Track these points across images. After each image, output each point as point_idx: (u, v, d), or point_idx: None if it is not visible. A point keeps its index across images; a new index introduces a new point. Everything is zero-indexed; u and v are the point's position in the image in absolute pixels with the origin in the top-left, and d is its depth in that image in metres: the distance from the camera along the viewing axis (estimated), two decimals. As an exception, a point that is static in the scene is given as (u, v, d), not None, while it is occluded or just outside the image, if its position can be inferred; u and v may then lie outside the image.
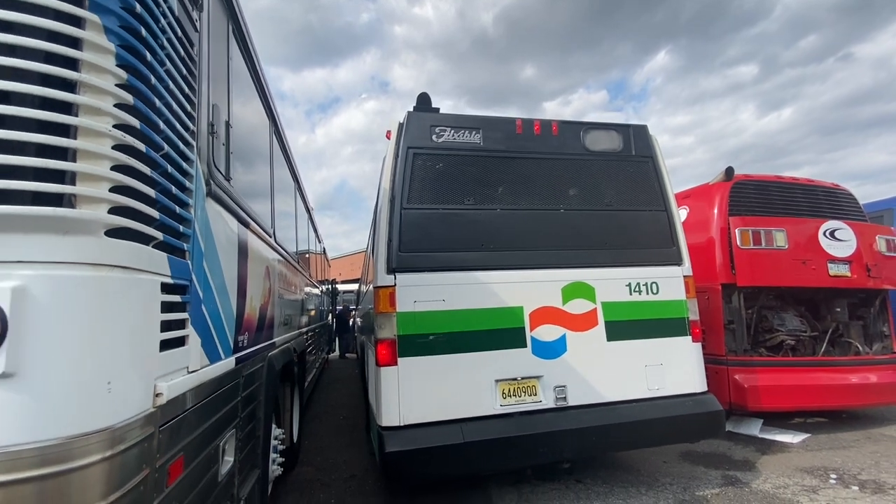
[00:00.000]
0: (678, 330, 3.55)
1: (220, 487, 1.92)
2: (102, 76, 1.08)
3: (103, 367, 1.03)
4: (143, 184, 1.19)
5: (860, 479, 3.69)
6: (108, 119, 1.08)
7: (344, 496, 3.72)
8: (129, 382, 1.11)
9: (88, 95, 1.05)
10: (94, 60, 1.07)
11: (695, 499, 3.43)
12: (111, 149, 1.08)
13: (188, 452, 1.51)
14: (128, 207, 1.13)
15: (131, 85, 1.16)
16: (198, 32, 1.65)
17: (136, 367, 1.15)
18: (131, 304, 1.13)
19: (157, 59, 1.30)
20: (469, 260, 3.26)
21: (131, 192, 1.15)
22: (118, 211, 1.10)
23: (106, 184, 1.07)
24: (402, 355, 3.02)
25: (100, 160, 1.06)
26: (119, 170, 1.11)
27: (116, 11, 1.13)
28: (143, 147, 1.19)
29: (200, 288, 1.60)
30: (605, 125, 3.80)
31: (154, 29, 1.27)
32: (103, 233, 1.05)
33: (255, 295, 2.57)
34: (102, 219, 1.04)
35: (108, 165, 1.07)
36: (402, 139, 3.33)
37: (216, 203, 1.82)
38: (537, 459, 3.12)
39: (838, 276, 4.89)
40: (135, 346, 1.14)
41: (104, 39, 1.09)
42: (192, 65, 1.60)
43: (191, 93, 1.57)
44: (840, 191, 5.50)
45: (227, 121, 2.03)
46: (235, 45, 2.35)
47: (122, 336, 1.09)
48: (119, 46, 1.13)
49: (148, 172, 1.22)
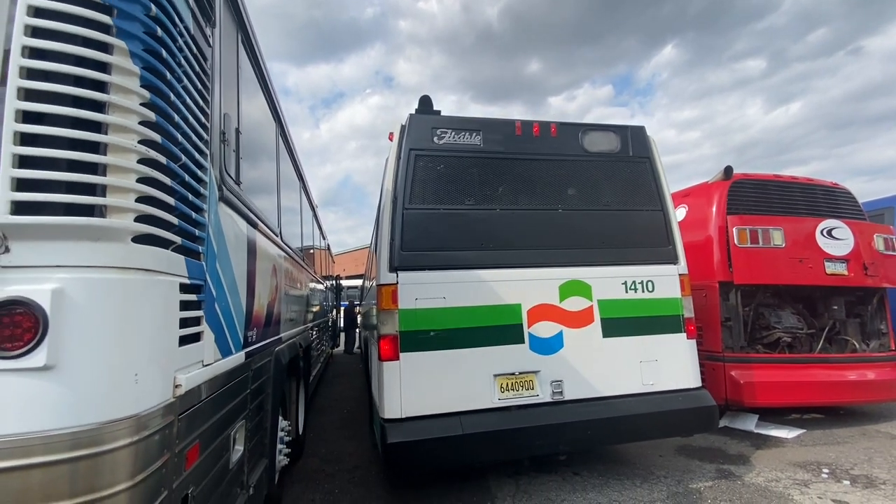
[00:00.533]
0: (673, 327, 3.64)
1: (232, 474, 2.04)
2: (128, 97, 1.19)
3: (131, 360, 1.14)
4: (164, 193, 1.30)
5: (852, 474, 3.78)
6: (134, 136, 1.19)
7: (347, 486, 3.86)
8: (153, 374, 1.23)
9: (116, 115, 1.16)
10: (120, 82, 1.17)
11: (688, 491, 3.53)
12: (136, 163, 1.19)
13: (203, 440, 1.63)
14: (151, 215, 1.24)
15: (153, 103, 1.26)
16: (210, 47, 1.76)
17: (159, 360, 1.27)
18: (154, 303, 1.24)
19: (176, 76, 1.41)
20: (469, 259, 3.36)
21: (154, 202, 1.26)
22: (142, 219, 1.21)
23: (132, 195, 1.18)
24: (403, 350, 3.13)
25: (126, 173, 1.17)
26: (143, 181, 1.22)
27: (140, 36, 1.23)
28: (164, 159, 1.30)
29: (213, 287, 1.72)
30: (604, 126, 3.88)
31: (173, 49, 1.37)
32: (130, 239, 1.16)
33: (263, 292, 2.68)
34: (129, 227, 1.15)
35: (134, 178, 1.18)
36: (404, 141, 3.43)
37: (227, 206, 1.93)
38: (533, 451, 3.24)
39: (835, 275, 4.95)
40: (158, 342, 1.26)
41: (130, 63, 1.20)
42: (206, 78, 1.70)
43: (205, 105, 1.68)
44: (839, 190, 5.54)
45: (237, 127, 2.14)
46: (244, 53, 2.46)
47: (146, 332, 1.20)
48: (143, 69, 1.23)
49: (168, 182, 1.33)
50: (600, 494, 3.50)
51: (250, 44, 2.47)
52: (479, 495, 3.57)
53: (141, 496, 1.18)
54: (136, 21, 1.22)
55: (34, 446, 1.00)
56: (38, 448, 1.01)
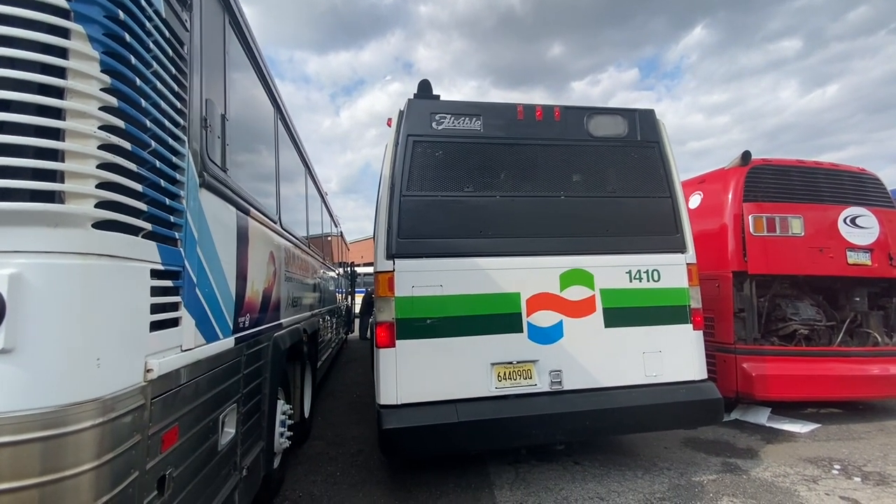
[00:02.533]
0: (679, 317, 3.55)
1: (221, 456, 2.09)
2: (87, 82, 1.18)
3: (93, 344, 1.16)
4: (130, 179, 1.30)
5: (864, 471, 3.65)
6: (94, 121, 1.19)
7: (349, 469, 3.92)
8: (118, 359, 1.25)
9: (74, 100, 1.16)
10: (79, 68, 1.17)
11: (690, 484, 3.47)
12: (97, 148, 1.19)
13: (184, 423, 1.66)
14: (115, 201, 1.24)
15: (116, 88, 1.26)
16: (188, 32, 1.74)
17: (125, 345, 1.28)
18: (119, 288, 1.25)
19: (144, 61, 1.39)
20: (467, 246, 3.32)
21: (118, 188, 1.26)
22: (105, 205, 1.21)
23: (92, 181, 1.18)
24: (400, 338, 3.13)
25: (86, 159, 1.17)
26: (106, 167, 1.22)
27: (100, 21, 1.22)
28: (129, 145, 1.30)
29: (194, 273, 1.73)
30: (610, 110, 3.76)
31: (138, 34, 1.36)
32: (90, 225, 1.17)
33: (258, 279, 2.70)
34: (89, 213, 1.16)
35: (94, 164, 1.18)
36: (402, 127, 3.39)
37: (212, 193, 1.94)
38: (529, 440, 3.22)
39: (857, 265, 4.73)
40: (123, 327, 1.27)
41: (88, 48, 1.19)
42: (183, 63, 1.69)
43: (181, 90, 1.67)
44: (866, 176, 5.26)
45: (224, 114, 2.13)
46: (234, 38, 2.44)
47: (109, 317, 1.21)
48: (103, 53, 1.22)
49: (135, 168, 1.32)
50: (599, 485, 3.47)
51: (239, 28, 2.45)
52: (478, 481, 3.58)
53: (107, 476, 1.20)
54: (95, 5, 1.21)
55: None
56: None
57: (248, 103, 2.82)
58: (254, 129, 2.92)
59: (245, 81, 2.70)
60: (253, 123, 2.90)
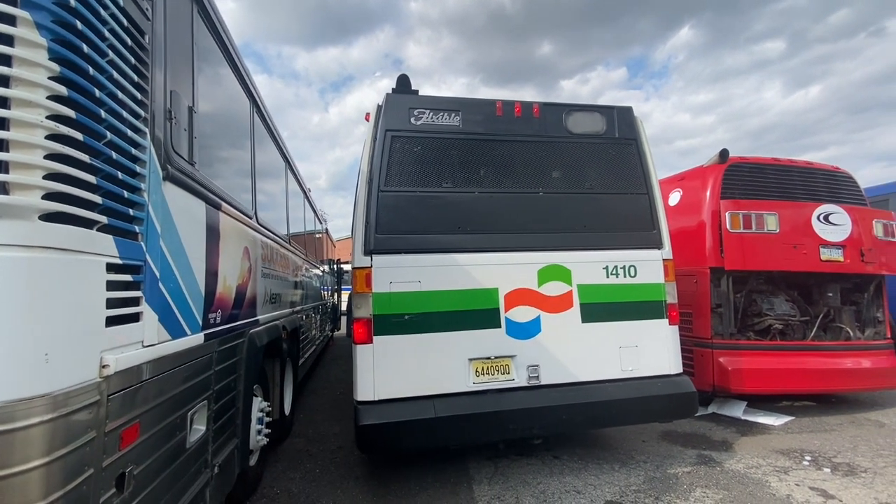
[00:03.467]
0: (655, 313, 3.59)
1: (189, 454, 2.06)
2: (34, 70, 1.15)
3: (39, 339, 1.13)
4: (82, 171, 1.27)
5: (834, 462, 3.74)
6: (40, 111, 1.16)
7: (329, 466, 3.91)
8: (69, 354, 1.22)
9: (19, 89, 1.13)
10: (25, 55, 1.14)
11: (665, 476, 3.52)
12: (44, 139, 1.16)
13: (146, 420, 1.63)
14: (65, 193, 1.21)
15: (66, 77, 1.22)
16: (150, 21, 1.70)
17: (77, 340, 1.25)
18: (69, 282, 1.22)
19: (98, 50, 1.36)
20: (445, 242, 3.32)
21: (69, 179, 1.23)
22: (53, 196, 1.18)
23: (39, 172, 1.15)
24: (377, 334, 3.12)
25: (32, 150, 1.13)
26: (55, 158, 1.19)
27: (49, 7, 1.19)
28: (81, 136, 1.27)
29: (157, 268, 1.70)
30: (589, 107, 3.78)
31: (92, 21, 1.32)
32: (37, 217, 1.14)
33: (231, 274, 2.67)
34: (35, 204, 1.13)
35: (41, 155, 1.15)
36: (380, 122, 3.37)
37: (177, 186, 1.90)
38: (506, 435, 3.24)
39: (830, 261, 4.84)
40: (74, 321, 1.24)
41: (36, 35, 1.16)
42: (144, 53, 1.66)
43: (142, 81, 1.64)
44: (840, 174, 5.38)
45: (191, 106, 2.10)
46: (203, 28, 2.40)
47: (59, 312, 1.19)
48: (52, 41, 1.19)
49: (87, 160, 1.29)
50: (577, 478, 3.51)
51: (209, 18, 2.40)
52: (457, 476, 3.60)
53: (58, 473, 1.18)
54: (43, -10, 1.18)
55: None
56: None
57: (221, 96, 2.77)
58: (226, 122, 2.88)
59: (217, 73, 2.66)
60: (225, 116, 2.86)
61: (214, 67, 2.60)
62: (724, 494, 3.21)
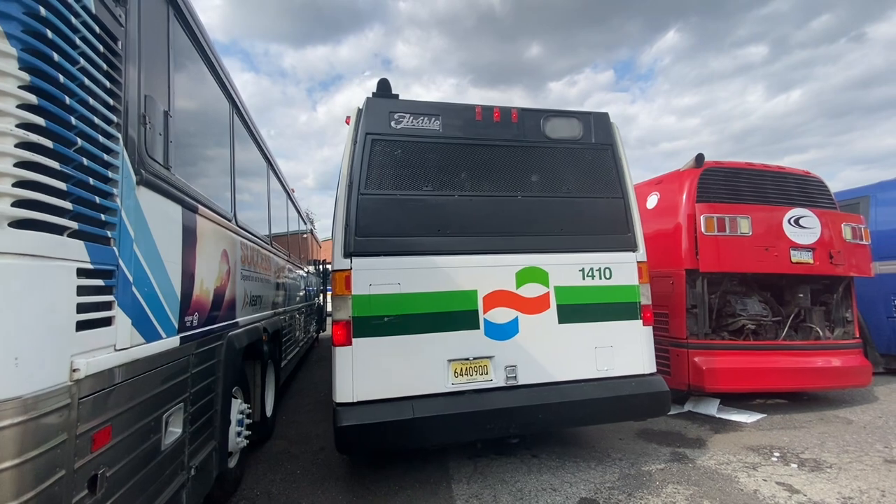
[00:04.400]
0: (629, 314, 3.68)
1: (165, 456, 2.07)
2: (4, 80, 1.17)
3: (9, 343, 1.15)
4: (52, 178, 1.29)
5: (801, 458, 3.87)
6: (11, 119, 1.18)
7: (310, 467, 3.92)
8: (39, 358, 1.24)
9: (-12, 98, 1.14)
10: (-6, 64, 1.15)
11: (639, 473, 3.62)
12: (13, 147, 1.18)
13: (119, 422, 1.65)
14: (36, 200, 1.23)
15: (37, 86, 1.25)
16: (123, 27, 1.72)
17: (47, 344, 1.27)
18: (38, 288, 1.24)
19: (69, 58, 1.38)
20: (425, 245, 3.37)
21: (38, 186, 1.25)
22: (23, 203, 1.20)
23: (9, 179, 1.17)
24: (356, 336, 3.15)
25: (1, 158, 1.15)
26: (25, 166, 1.21)
27: (19, 17, 1.21)
28: (51, 143, 1.29)
29: (131, 272, 1.72)
30: (566, 113, 3.86)
31: (63, 30, 1.34)
32: (7, 224, 1.16)
33: (209, 277, 2.68)
34: (4, 212, 1.15)
35: (11, 163, 1.17)
36: (360, 125, 3.40)
37: (152, 191, 1.92)
38: (484, 434, 3.29)
39: (800, 263, 5.00)
40: (44, 326, 1.26)
41: (6, 45, 1.18)
42: (117, 59, 1.68)
43: (114, 87, 1.65)
44: (811, 178, 5.55)
45: (167, 111, 2.11)
46: (181, 32, 2.41)
47: (28, 316, 1.21)
48: (22, 51, 1.21)
49: (58, 167, 1.31)
50: (554, 476, 3.58)
51: (186, 22, 2.42)
52: (437, 476, 3.64)
53: (28, 474, 1.20)
54: (14, 2, 1.20)
55: None
56: None
57: (198, 98, 2.78)
58: (204, 124, 2.89)
59: (194, 76, 2.67)
60: (203, 119, 2.87)
61: (192, 71, 2.62)
62: (695, 490, 3.31)
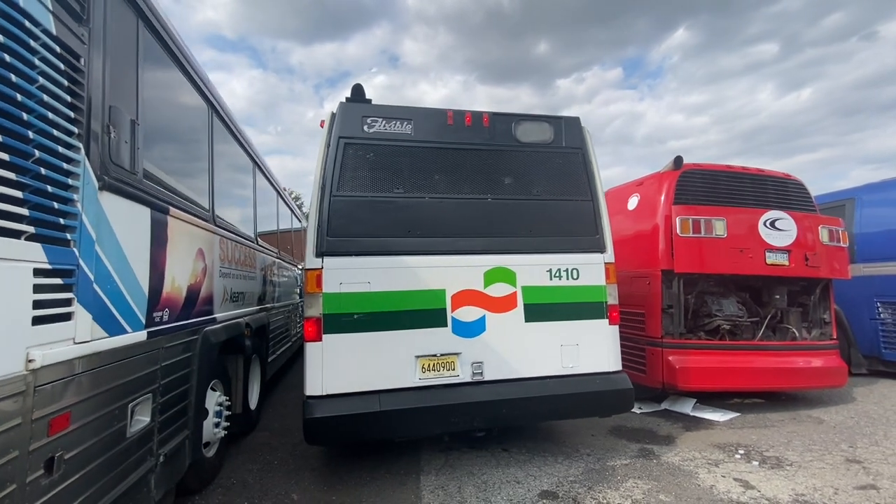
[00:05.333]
0: (596, 313, 3.79)
1: (130, 443, 2.21)
2: (-41, 100, 1.31)
3: (-37, 337, 1.29)
4: (8, 187, 1.43)
5: (764, 455, 3.96)
6: (-34, 135, 1.31)
7: (287, 458, 4.08)
8: (-7, 350, 1.38)
9: (-55, 116, 1.28)
10: (-50, 86, 1.29)
11: (603, 468, 3.73)
12: (-31, 160, 1.31)
13: (78, 410, 1.79)
14: (-9, 208, 1.37)
15: (-8, 104, 1.38)
16: (85, 45, 1.85)
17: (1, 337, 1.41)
18: (-7, 287, 1.38)
19: (27, 78, 1.52)
20: (395, 245, 3.49)
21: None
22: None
23: (-37, 189, 1.30)
24: (326, 332, 3.29)
25: (-44, 170, 1.29)
26: (-21, 177, 1.35)
27: (-25, 42, 1.34)
28: (7, 156, 1.42)
29: (92, 271, 1.86)
30: (538, 117, 3.96)
31: (20, 53, 1.48)
32: (-38, 230, 1.30)
33: (182, 275, 2.82)
34: (-41, 219, 1.28)
35: (-34, 174, 1.31)
36: (333, 129, 3.53)
37: (117, 195, 2.06)
38: (449, 428, 3.43)
39: (776, 265, 5.07)
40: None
41: (-38, 68, 1.31)
42: (79, 75, 1.81)
43: (76, 100, 1.79)
44: (791, 181, 5.60)
45: (134, 119, 2.25)
46: (153, 44, 2.54)
47: (-18, 313, 1.34)
48: (-23, 72, 1.35)
49: (14, 177, 1.45)
50: (520, 470, 3.70)
51: (157, 32, 2.54)
52: (408, 468, 3.78)
53: (-18, 454, 1.34)
54: (-30, 29, 1.33)
55: None
56: None
57: (173, 106, 2.92)
58: (179, 129, 3.03)
59: (168, 84, 2.80)
60: (178, 124, 3.01)
61: (165, 79, 2.75)
62: (653, 485, 3.42)
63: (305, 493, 3.41)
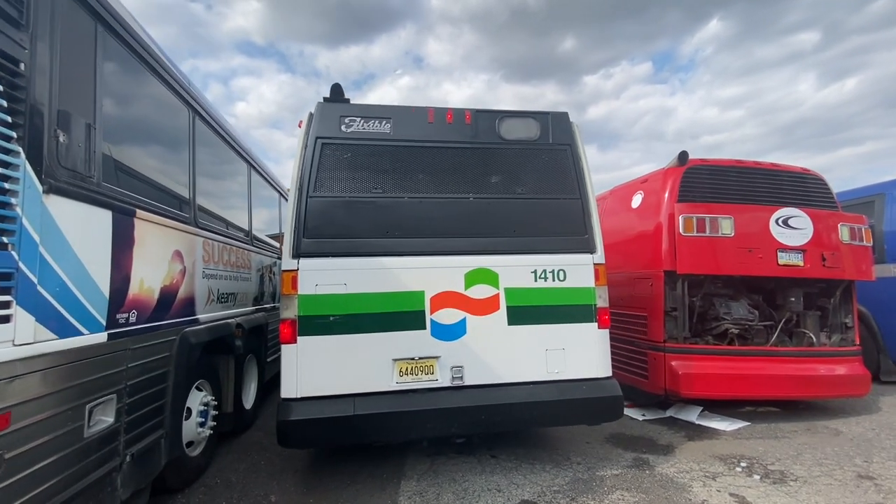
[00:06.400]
0: (584, 316, 3.63)
1: (89, 443, 2.24)
2: None
3: None
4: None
5: (768, 469, 3.72)
6: None
7: (274, 459, 4.09)
8: None
9: None
10: None
11: (591, 478, 3.58)
12: None
13: (20, 410, 1.81)
14: None
15: None
16: (26, 50, 1.87)
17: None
18: None
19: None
20: (373, 246, 3.44)
21: None
22: None
23: None
24: (301, 334, 3.27)
25: None
26: None
27: None
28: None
29: (34, 273, 1.87)
30: (523, 113, 3.83)
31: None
32: None
33: (152, 277, 2.85)
34: None
35: None
36: (311, 129, 3.50)
37: (66, 198, 2.07)
38: (425, 433, 3.35)
39: (789, 266, 4.76)
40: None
41: None
42: (19, 80, 1.83)
43: (16, 105, 1.80)
44: (809, 176, 5.27)
45: (90, 123, 2.27)
46: (116, 48, 2.57)
47: None
48: None
49: (-67, 182, 1.46)
50: (504, 477, 3.59)
51: (122, 38, 2.57)
52: (391, 472, 3.72)
53: None
54: None
55: None
56: None
57: (144, 108, 2.95)
58: (153, 133, 3.06)
59: (137, 87, 2.84)
60: (149, 127, 3.03)
61: (133, 82, 2.78)
62: (641, 498, 3.25)
63: (284, 496, 3.40)
